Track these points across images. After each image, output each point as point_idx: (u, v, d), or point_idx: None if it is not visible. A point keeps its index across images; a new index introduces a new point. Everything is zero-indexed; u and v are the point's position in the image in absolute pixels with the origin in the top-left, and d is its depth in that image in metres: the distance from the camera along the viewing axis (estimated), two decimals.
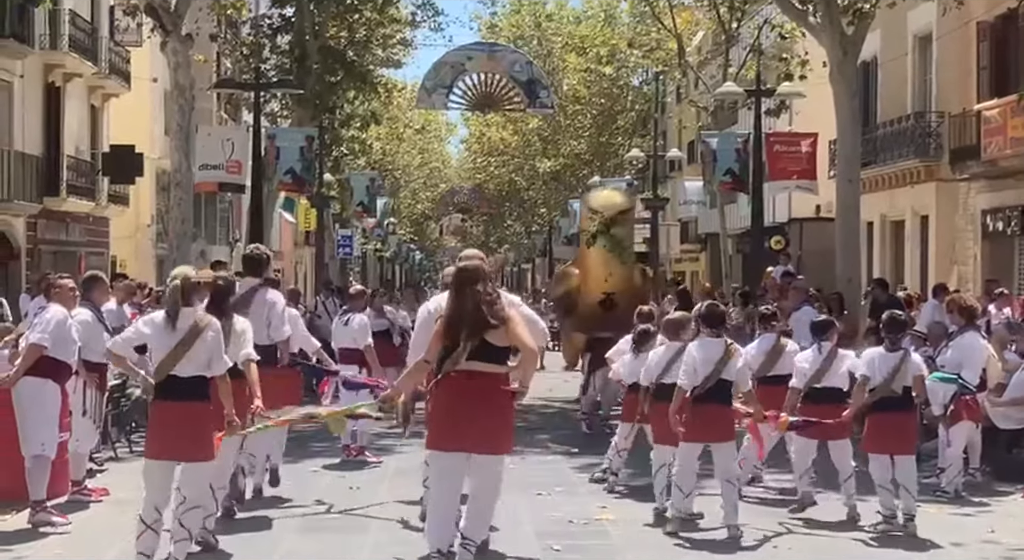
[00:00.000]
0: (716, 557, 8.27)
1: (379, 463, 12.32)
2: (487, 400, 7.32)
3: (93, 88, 32.20)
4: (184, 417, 7.41)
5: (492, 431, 7.36)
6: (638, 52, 39.18)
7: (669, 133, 48.72)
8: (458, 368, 7.32)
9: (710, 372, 8.90)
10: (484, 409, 7.30)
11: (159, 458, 7.47)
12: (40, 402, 9.16)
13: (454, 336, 7.34)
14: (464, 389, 7.31)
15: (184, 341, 7.43)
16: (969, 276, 24.05)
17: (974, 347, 11.14)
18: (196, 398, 7.46)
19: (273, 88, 26.76)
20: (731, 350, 9.04)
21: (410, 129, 59.74)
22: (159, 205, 35.40)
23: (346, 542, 8.66)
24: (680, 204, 40.37)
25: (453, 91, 26.02)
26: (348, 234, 47.49)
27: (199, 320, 7.53)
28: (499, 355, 7.44)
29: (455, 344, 7.33)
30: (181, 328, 7.46)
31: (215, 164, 24.29)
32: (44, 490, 9.03)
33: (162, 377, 7.47)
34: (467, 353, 7.29)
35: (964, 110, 24.05)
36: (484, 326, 7.28)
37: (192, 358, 7.45)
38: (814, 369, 9.66)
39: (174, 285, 7.58)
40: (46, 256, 28.68)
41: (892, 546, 8.59)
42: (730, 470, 8.98)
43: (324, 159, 33.92)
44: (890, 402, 9.14)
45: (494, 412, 7.35)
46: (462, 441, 7.32)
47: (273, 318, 9.45)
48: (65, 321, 9.33)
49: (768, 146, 24.69)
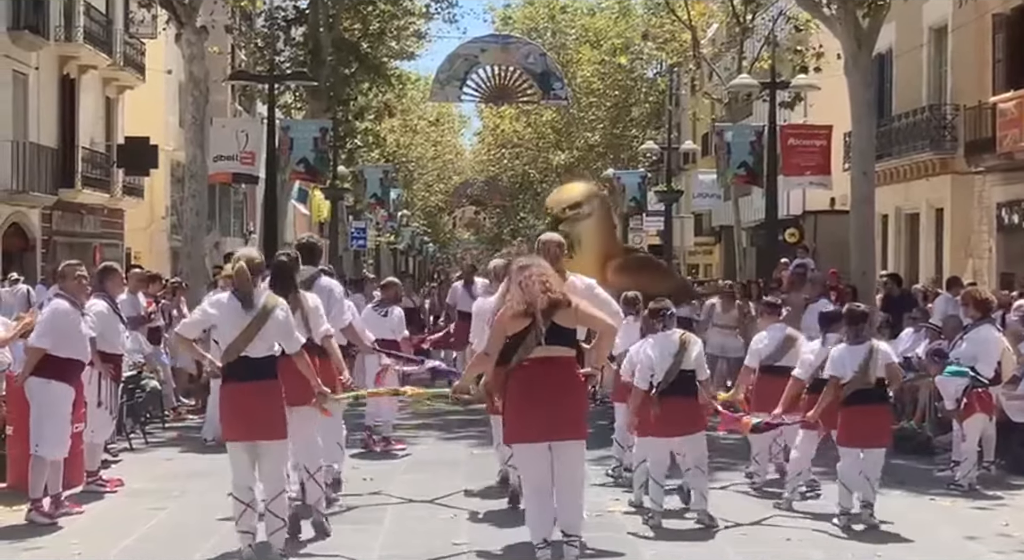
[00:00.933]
0: (731, 550, 8.26)
1: (405, 450, 12.38)
2: (564, 385, 7.33)
3: (108, 80, 32.28)
4: (259, 397, 7.46)
5: (573, 416, 7.39)
6: (652, 44, 39.18)
7: (683, 125, 48.63)
8: (532, 356, 7.32)
9: (669, 366, 8.99)
10: (562, 394, 7.31)
11: (240, 440, 7.53)
12: (41, 402, 9.11)
13: (525, 323, 7.32)
14: (541, 376, 7.30)
15: (256, 321, 7.46)
16: (984, 269, 23.97)
17: (988, 340, 11.09)
18: (269, 377, 7.52)
19: (287, 80, 26.78)
20: (685, 340, 9.13)
21: (424, 121, 59.74)
22: (173, 197, 35.49)
23: (360, 533, 8.68)
24: (694, 197, 40.24)
25: (467, 83, 26.03)
26: (362, 226, 47.51)
27: (268, 299, 7.57)
28: (569, 338, 7.46)
29: (526, 331, 7.32)
30: (253, 308, 7.48)
31: (229, 156, 24.34)
32: (40, 489, 8.97)
33: (233, 358, 7.50)
34: (541, 338, 7.28)
35: (979, 102, 23.95)
36: (555, 306, 7.27)
37: (264, 337, 7.49)
38: (819, 361, 9.58)
39: (240, 267, 7.59)
40: (61, 248, 28.77)
41: (905, 540, 8.56)
42: (700, 459, 9.04)
43: (338, 151, 33.95)
44: (863, 395, 9.05)
45: (572, 396, 7.38)
46: (544, 429, 7.30)
47: (333, 306, 9.38)
48: (66, 315, 9.17)
49: (783, 139, 24.61)
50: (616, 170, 43.02)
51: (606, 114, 47.36)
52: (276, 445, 7.55)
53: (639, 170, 42.45)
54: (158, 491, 10.24)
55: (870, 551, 8.27)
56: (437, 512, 9.38)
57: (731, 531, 8.79)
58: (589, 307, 7.55)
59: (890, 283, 18.61)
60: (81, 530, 8.80)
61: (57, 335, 9.10)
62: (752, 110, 33.24)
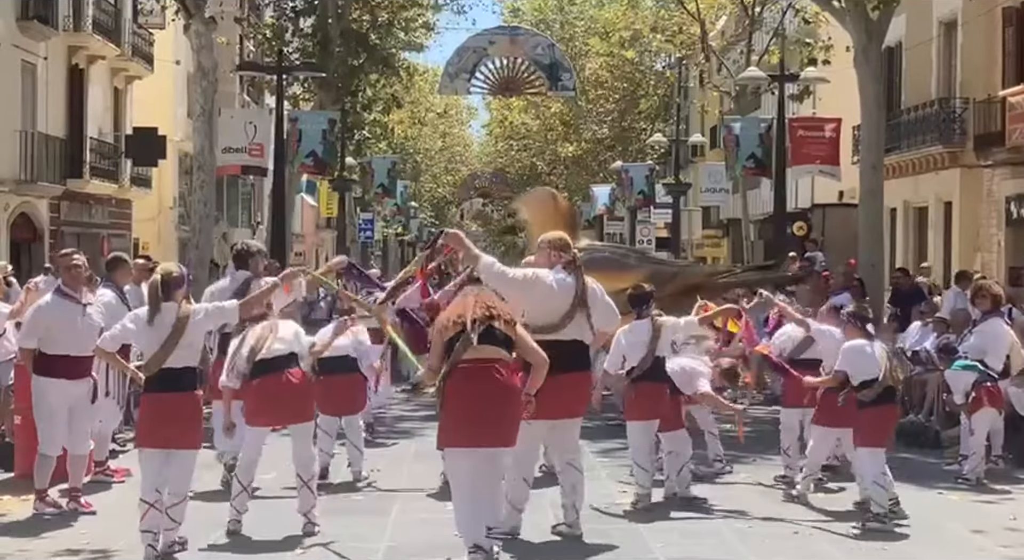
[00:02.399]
0: (738, 542, 8.26)
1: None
2: (497, 392, 7.20)
3: (116, 70, 32.30)
4: (178, 407, 7.58)
5: (503, 424, 7.25)
6: (661, 36, 39.09)
7: (691, 118, 48.55)
8: (466, 357, 7.18)
9: (644, 353, 9.09)
10: (494, 401, 7.21)
11: (158, 447, 7.61)
12: (34, 400, 9.12)
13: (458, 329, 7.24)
14: (473, 381, 7.18)
15: (174, 333, 7.53)
16: (992, 263, 23.92)
17: (997, 333, 11.07)
18: (188, 389, 7.66)
19: (296, 71, 26.78)
20: (658, 326, 9.21)
21: (432, 113, 59.70)
22: (182, 188, 35.54)
23: (367, 524, 8.70)
24: (702, 190, 40.26)
25: (475, 75, 26.03)
26: (369, 218, 47.54)
27: (182, 310, 7.63)
28: (505, 342, 7.25)
29: (459, 335, 7.24)
30: (167, 322, 7.56)
31: (237, 147, 24.36)
32: (44, 482, 8.96)
33: (154, 370, 7.58)
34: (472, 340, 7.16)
35: (989, 96, 23.90)
36: (492, 318, 7.21)
37: (183, 346, 7.57)
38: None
39: (153, 280, 7.67)
40: (69, 238, 28.80)
41: (911, 534, 8.55)
42: (676, 441, 9.24)
43: (346, 142, 33.96)
44: (888, 395, 8.96)
45: (504, 404, 7.25)
46: (472, 435, 7.16)
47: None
48: (51, 311, 9.05)
49: (791, 131, 24.59)
50: (624, 163, 42.99)
51: (614, 106, 47.31)
52: (188, 454, 7.69)
53: (647, 163, 42.42)
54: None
55: (877, 545, 8.27)
56: (444, 503, 9.37)
57: (738, 523, 8.79)
58: (528, 340, 7.36)
59: (901, 278, 18.59)
60: (89, 519, 8.83)
61: (43, 332, 9.01)
62: (760, 103, 33.22)
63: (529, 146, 55.94)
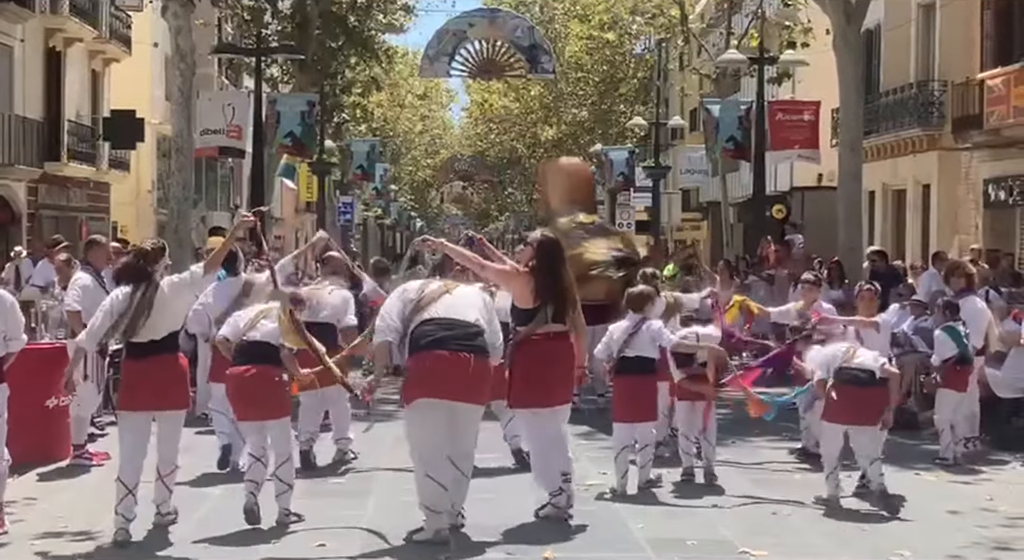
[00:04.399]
0: (719, 523, 8.30)
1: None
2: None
3: (94, 53, 32.10)
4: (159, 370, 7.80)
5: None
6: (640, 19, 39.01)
7: (671, 101, 48.55)
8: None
9: (619, 346, 9.23)
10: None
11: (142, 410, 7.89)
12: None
13: None
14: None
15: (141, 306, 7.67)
16: (970, 245, 24.04)
17: (976, 310, 11.15)
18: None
19: (274, 53, 26.66)
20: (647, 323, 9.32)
21: (411, 96, 59.55)
22: (160, 170, 35.36)
23: (347, 506, 8.72)
24: (682, 172, 40.30)
25: (455, 58, 25.97)
26: (349, 201, 47.45)
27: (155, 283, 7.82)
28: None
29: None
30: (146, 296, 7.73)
31: (216, 129, 24.27)
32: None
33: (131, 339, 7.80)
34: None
35: (967, 79, 23.98)
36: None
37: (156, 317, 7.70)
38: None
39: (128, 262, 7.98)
40: (47, 221, 28.68)
41: (889, 513, 8.60)
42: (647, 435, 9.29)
43: (325, 125, 33.84)
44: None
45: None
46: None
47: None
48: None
49: (771, 114, 24.64)
50: (604, 146, 42.98)
51: (594, 89, 47.25)
52: (174, 415, 7.86)
53: (627, 146, 42.41)
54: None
55: (854, 525, 8.32)
56: None
57: (717, 504, 8.83)
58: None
59: (877, 260, 18.65)
60: (68, 503, 8.82)
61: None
62: (740, 86, 33.23)
63: (509, 129, 55.87)
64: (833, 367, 8.93)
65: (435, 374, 7.51)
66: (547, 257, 8.30)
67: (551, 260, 8.31)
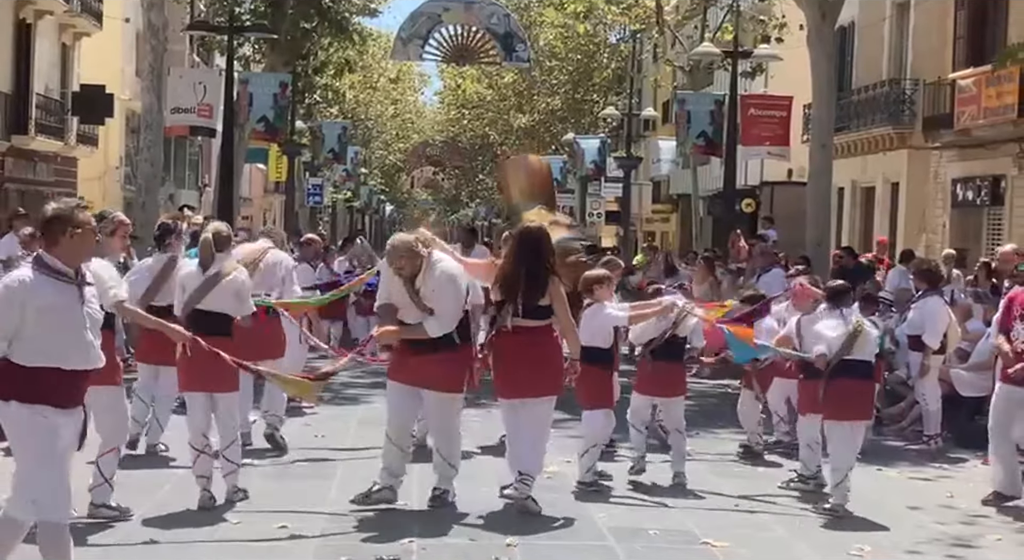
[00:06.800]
0: (681, 514, 8.33)
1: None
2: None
3: (64, 26, 31.80)
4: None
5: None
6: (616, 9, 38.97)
7: (644, 92, 48.55)
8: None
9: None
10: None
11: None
12: None
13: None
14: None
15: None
16: (937, 244, 24.21)
17: (936, 311, 11.25)
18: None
19: (247, 32, 26.48)
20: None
21: (384, 79, 59.31)
22: (128, 147, 35.12)
23: (313, 487, 8.70)
24: (653, 163, 40.37)
25: (429, 42, 25.83)
26: (319, 183, 47.23)
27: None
28: None
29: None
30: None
31: (186, 107, 24.06)
32: None
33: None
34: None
35: (939, 78, 24.10)
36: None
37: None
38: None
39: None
40: (13, 195, 28.41)
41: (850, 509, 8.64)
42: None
43: (296, 106, 33.67)
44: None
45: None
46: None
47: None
48: None
49: (743, 108, 24.69)
50: (576, 135, 42.96)
51: (568, 78, 47.21)
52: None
53: (599, 135, 42.41)
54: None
55: (817, 519, 8.37)
56: None
57: (681, 496, 8.85)
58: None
59: (845, 257, 18.75)
60: None
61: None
62: (713, 79, 33.25)
63: (482, 116, 55.73)
64: (835, 349, 8.53)
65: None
66: (524, 248, 8.25)
67: (527, 251, 8.23)
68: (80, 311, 5.63)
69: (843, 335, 8.56)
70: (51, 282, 5.55)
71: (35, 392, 5.52)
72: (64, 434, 5.63)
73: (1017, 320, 9.00)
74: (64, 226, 5.60)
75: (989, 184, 23.02)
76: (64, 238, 5.61)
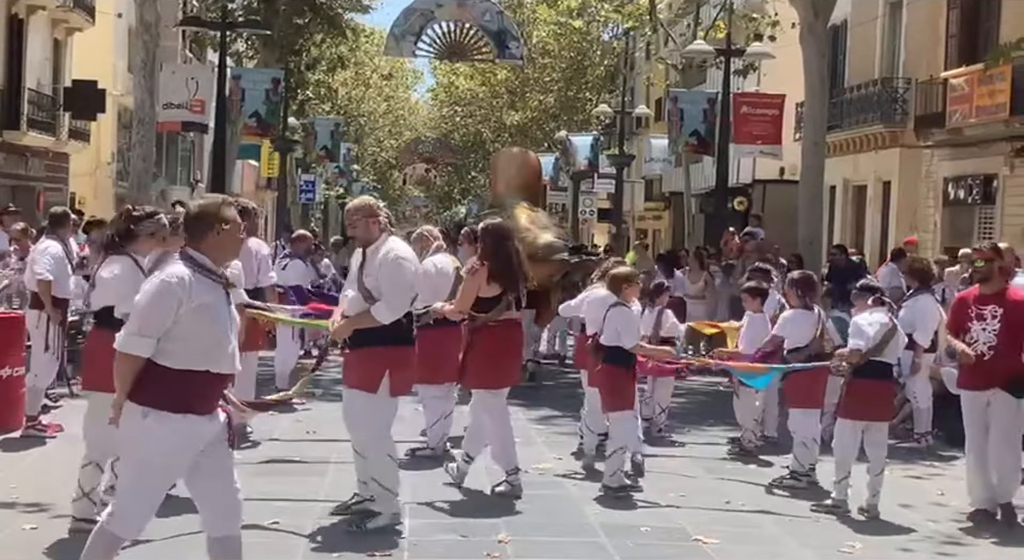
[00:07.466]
0: (673, 511, 8.34)
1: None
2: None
3: (57, 21, 31.72)
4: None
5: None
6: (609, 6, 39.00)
7: (637, 90, 48.61)
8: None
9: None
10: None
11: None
12: None
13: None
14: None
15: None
16: (928, 243, 24.25)
17: (927, 309, 11.25)
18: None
19: (240, 27, 26.44)
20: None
21: (377, 75, 59.29)
22: (120, 143, 35.05)
23: (304, 483, 8.71)
24: (645, 161, 40.38)
25: (422, 39, 25.82)
26: (311, 179, 47.22)
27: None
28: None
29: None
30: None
31: (179, 103, 24.05)
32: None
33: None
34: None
35: (931, 77, 24.14)
36: None
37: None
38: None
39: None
40: (3, 190, 28.35)
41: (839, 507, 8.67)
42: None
43: (289, 102, 33.64)
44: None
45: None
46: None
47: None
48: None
49: (735, 106, 24.72)
50: (569, 132, 42.97)
51: (561, 76, 47.23)
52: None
53: (592, 133, 42.43)
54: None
55: (808, 517, 8.39)
56: None
57: (672, 494, 8.86)
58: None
59: (837, 255, 18.81)
60: (21, 474, 8.73)
61: None
62: (706, 77, 33.29)
63: (474, 113, 55.76)
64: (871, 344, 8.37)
65: None
66: (495, 242, 8.47)
67: (499, 244, 8.46)
68: (228, 312, 5.37)
69: (880, 332, 8.43)
70: (205, 280, 5.27)
71: (182, 398, 5.19)
72: (202, 443, 5.29)
73: (973, 321, 8.54)
74: (212, 223, 5.31)
75: (981, 183, 23.07)
76: (211, 235, 5.30)
